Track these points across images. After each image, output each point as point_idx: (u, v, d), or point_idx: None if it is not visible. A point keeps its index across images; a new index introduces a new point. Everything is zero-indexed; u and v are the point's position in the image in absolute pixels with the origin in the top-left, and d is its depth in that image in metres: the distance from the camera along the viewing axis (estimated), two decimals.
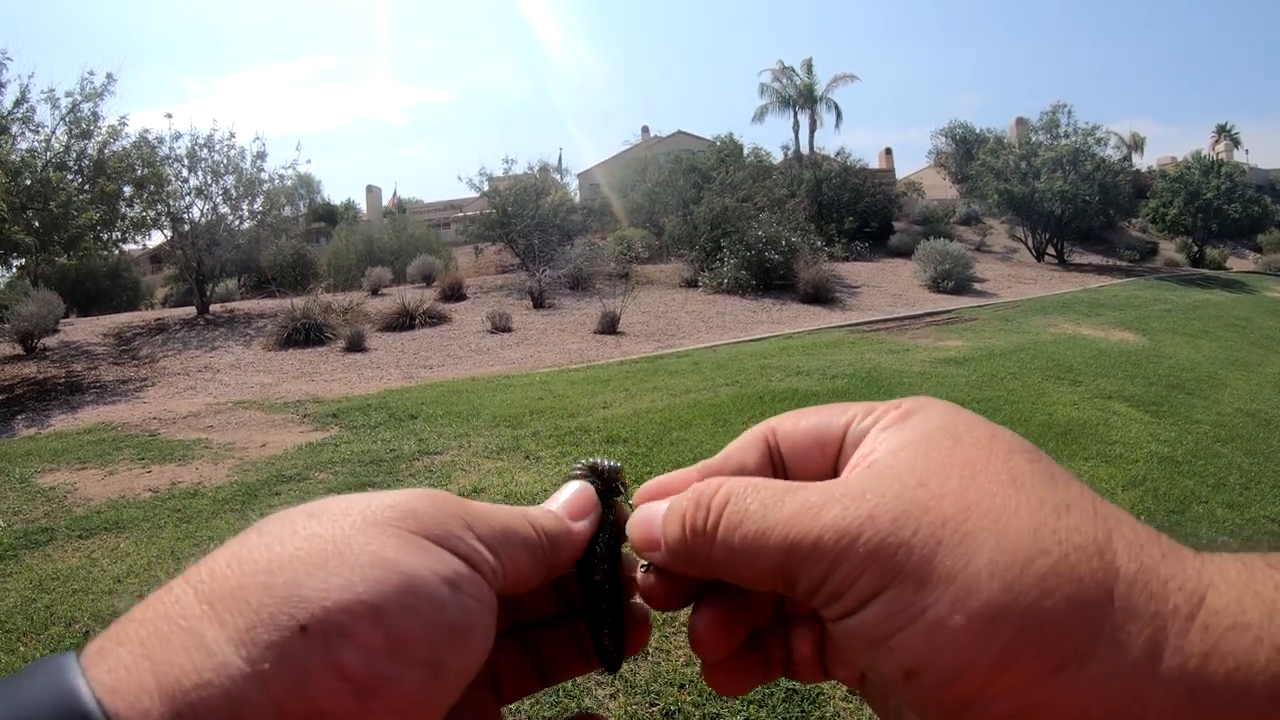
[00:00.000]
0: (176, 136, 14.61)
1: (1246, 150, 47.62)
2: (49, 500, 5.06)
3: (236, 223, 15.56)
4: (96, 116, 12.26)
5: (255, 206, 15.71)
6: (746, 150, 27.02)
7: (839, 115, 37.17)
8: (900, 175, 38.26)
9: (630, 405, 6.75)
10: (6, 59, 11.46)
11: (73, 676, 0.23)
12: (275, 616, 0.24)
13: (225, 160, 15.06)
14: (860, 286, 17.34)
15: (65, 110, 12.00)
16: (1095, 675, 0.25)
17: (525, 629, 0.39)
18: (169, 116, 18.97)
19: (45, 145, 11.82)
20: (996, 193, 23.60)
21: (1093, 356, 9.51)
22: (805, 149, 35.45)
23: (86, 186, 11.95)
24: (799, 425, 0.36)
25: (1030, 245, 24.21)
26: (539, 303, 14.53)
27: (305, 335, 11.81)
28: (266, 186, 15.74)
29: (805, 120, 36.71)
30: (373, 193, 42.19)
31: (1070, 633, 0.25)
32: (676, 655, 2.79)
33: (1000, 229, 27.21)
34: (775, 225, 16.61)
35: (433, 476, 4.93)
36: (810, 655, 0.37)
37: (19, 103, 11.57)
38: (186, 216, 14.75)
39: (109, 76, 12.39)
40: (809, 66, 36.47)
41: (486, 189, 19.36)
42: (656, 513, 0.35)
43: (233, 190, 15.21)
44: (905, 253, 21.05)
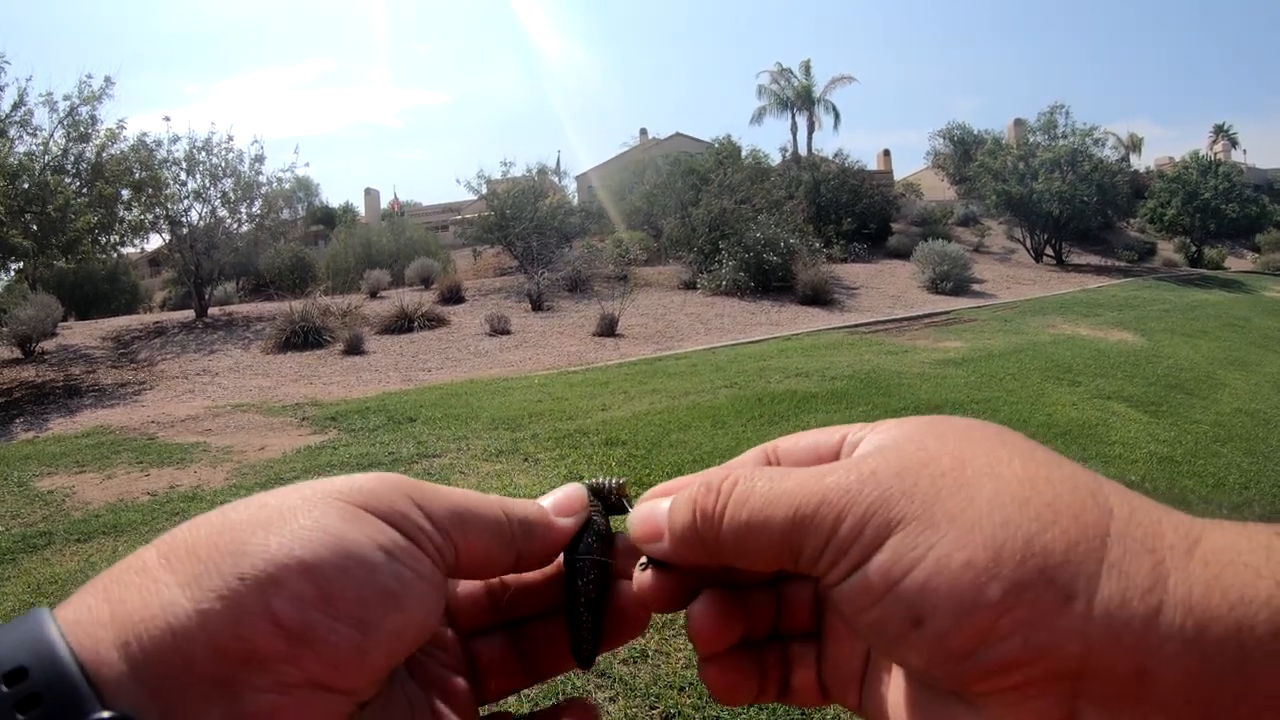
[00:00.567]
0: (175, 140, 14.58)
1: (1244, 150, 47.72)
2: (47, 504, 5.05)
3: (235, 226, 15.52)
4: (95, 120, 12.23)
5: (254, 209, 15.67)
6: (745, 152, 27.10)
7: (837, 117, 37.28)
8: (898, 177, 38.35)
9: (629, 407, 6.75)
10: (5, 62, 11.44)
11: (42, 616, 0.26)
12: (219, 566, 0.27)
13: (223, 163, 15.02)
14: (859, 288, 17.35)
15: (63, 113, 11.98)
16: (1103, 607, 0.25)
17: (516, 624, 0.40)
18: (167, 119, 18.90)
19: (43, 148, 11.80)
20: (994, 194, 23.62)
21: (1091, 357, 9.52)
22: (803, 151, 35.51)
23: (84, 190, 11.93)
24: (799, 442, 0.37)
25: (1028, 246, 24.23)
26: (537, 305, 14.53)
27: (304, 338, 11.79)
28: (265, 189, 15.70)
29: (803, 122, 36.80)
30: (371, 195, 42.21)
31: (1072, 565, 0.26)
32: (676, 658, 2.78)
33: (998, 230, 27.23)
34: (773, 227, 16.61)
35: (431, 479, 4.88)
36: (808, 674, 0.37)
37: (17, 106, 11.55)
38: (185, 220, 14.71)
39: (107, 80, 12.38)
40: (807, 68, 36.55)
41: (485, 191, 19.34)
42: (659, 506, 0.36)
43: (231, 193, 15.17)
44: (904, 254, 21.04)
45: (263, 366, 10.84)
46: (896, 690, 0.32)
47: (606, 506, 0.40)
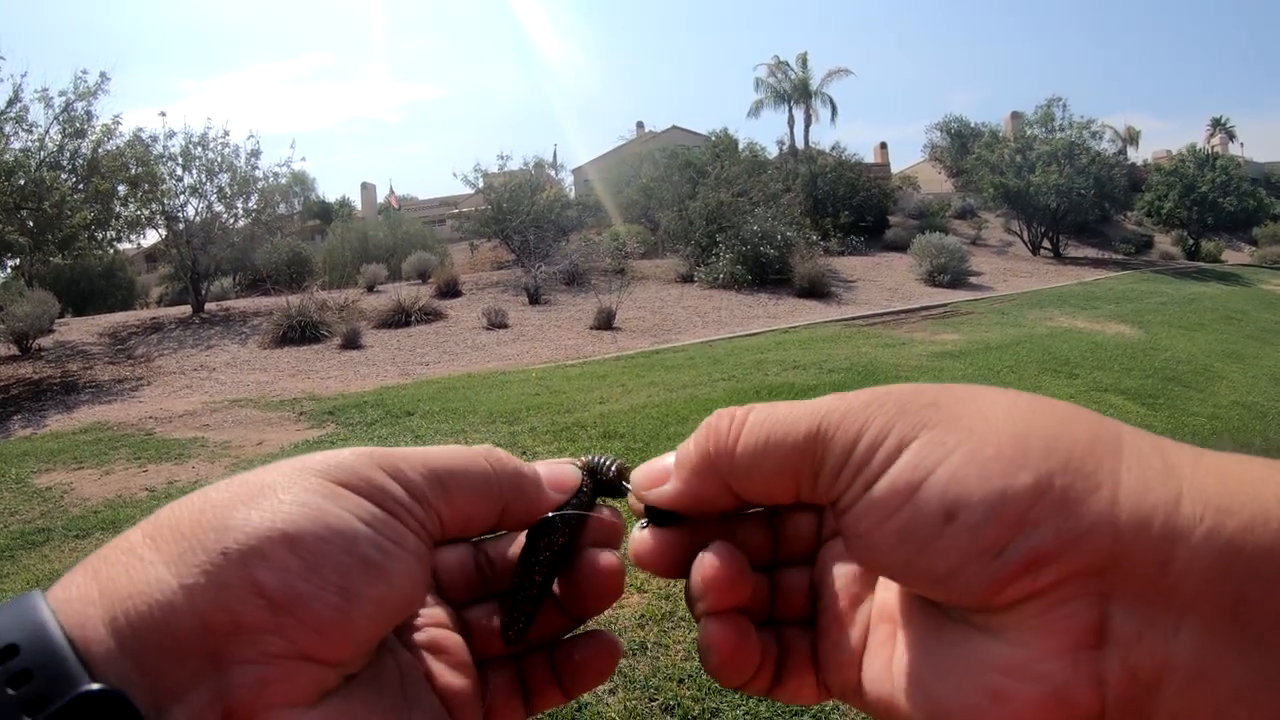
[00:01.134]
0: (170, 135, 14.56)
1: (1242, 143, 47.94)
2: (45, 500, 5.06)
3: (231, 221, 15.49)
4: (90, 116, 12.20)
5: (250, 205, 15.63)
6: (742, 145, 26.98)
7: (834, 110, 37.24)
8: (895, 170, 38.28)
9: (627, 400, 6.76)
10: (0, 59, 11.43)
11: (34, 597, 0.27)
12: (203, 541, 0.27)
13: (219, 158, 14.99)
14: (856, 281, 17.35)
15: (59, 109, 11.95)
16: (1128, 494, 0.26)
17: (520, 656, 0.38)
18: (163, 115, 18.78)
19: (39, 145, 11.76)
20: (992, 186, 23.57)
21: (1089, 349, 9.54)
22: (800, 144, 35.48)
23: (80, 186, 11.90)
24: None
25: (1026, 239, 24.21)
26: (535, 299, 14.51)
27: (301, 333, 11.78)
28: (261, 185, 15.67)
29: (800, 115, 36.76)
30: (368, 190, 42.03)
31: (1094, 458, 0.27)
32: (676, 651, 2.79)
33: (996, 223, 27.20)
34: (771, 220, 16.57)
35: None
36: (804, 660, 0.36)
37: (12, 102, 11.51)
38: (181, 215, 14.68)
39: (103, 75, 12.35)
40: (804, 61, 36.48)
41: (482, 185, 19.27)
42: (664, 458, 0.37)
43: (227, 188, 15.13)
44: (901, 247, 21.02)
45: (260, 362, 10.83)
46: (903, 651, 0.32)
47: (601, 486, 0.39)
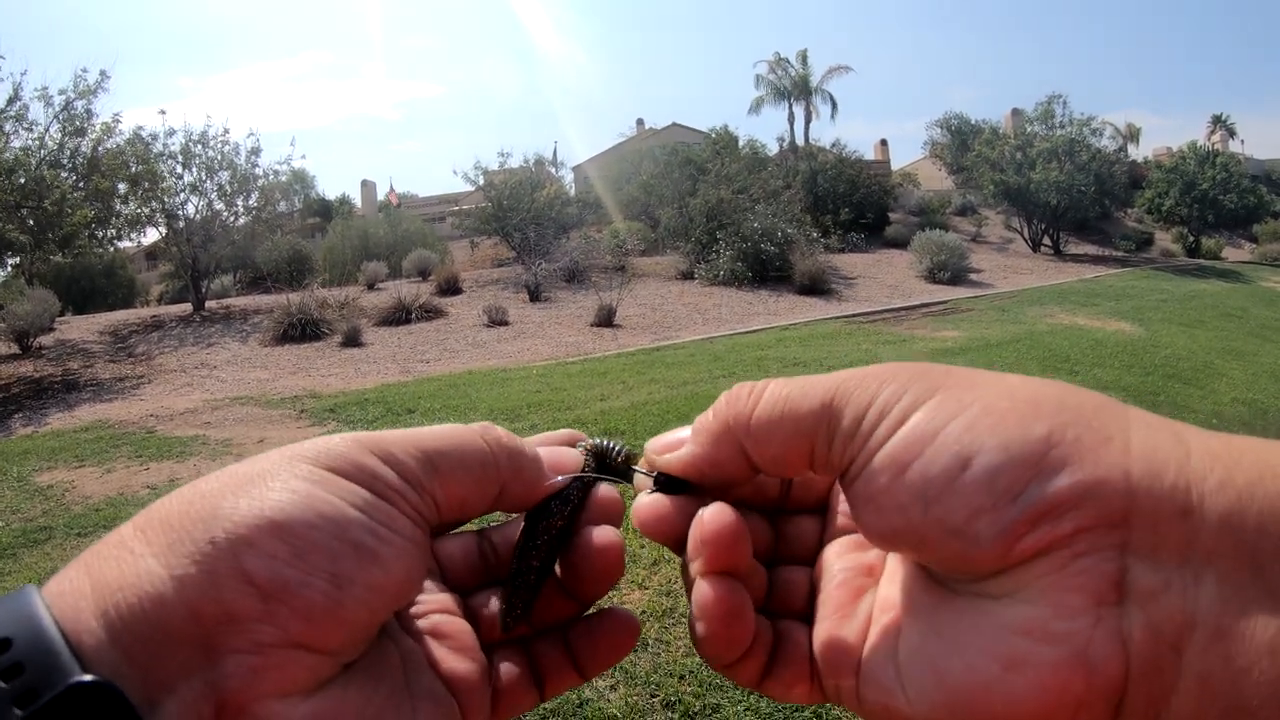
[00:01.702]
0: (170, 133, 14.54)
1: (1242, 141, 47.74)
2: (47, 499, 5.06)
3: (231, 219, 15.47)
4: (90, 114, 12.16)
5: (250, 202, 15.62)
6: (742, 142, 27.03)
7: (834, 107, 37.29)
8: (896, 167, 38.26)
9: (628, 397, 6.76)
10: (0, 57, 11.42)
11: (29, 591, 0.27)
12: (191, 532, 0.27)
13: (219, 156, 14.97)
14: (856, 278, 17.34)
15: (59, 108, 11.91)
16: (1139, 446, 0.26)
17: (528, 640, 0.38)
18: (163, 113, 18.77)
19: (39, 143, 11.73)
20: (992, 183, 23.54)
21: (1089, 346, 9.53)
22: (800, 141, 35.48)
23: (80, 184, 11.88)
24: None
25: (1026, 236, 24.18)
26: (535, 296, 14.51)
27: (301, 331, 11.78)
28: (261, 182, 15.66)
29: (800, 112, 36.81)
30: (368, 187, 42.00)
31: (1103, 417, 0.28)
32: (677, 647, 2.80)
33: (996, 220, 27.17)
34: (771, 217, 16.56)
35: None
36: (799, 650, 0.35)
37: (12, 100, 11.48)
38: (181, 213, 14.66)
39: (102, 73, 12.30)
40: (804, 58, 36.49)
41: (482, 183, 19.26)
42: (679, 429, 0.37)
43: (227, 186, 15.12)
44: (901, 244, 21.01)
45: (261, 359, 10.84)
46: (909, 634, 0.31)
47: (605, 469, 0.39)
